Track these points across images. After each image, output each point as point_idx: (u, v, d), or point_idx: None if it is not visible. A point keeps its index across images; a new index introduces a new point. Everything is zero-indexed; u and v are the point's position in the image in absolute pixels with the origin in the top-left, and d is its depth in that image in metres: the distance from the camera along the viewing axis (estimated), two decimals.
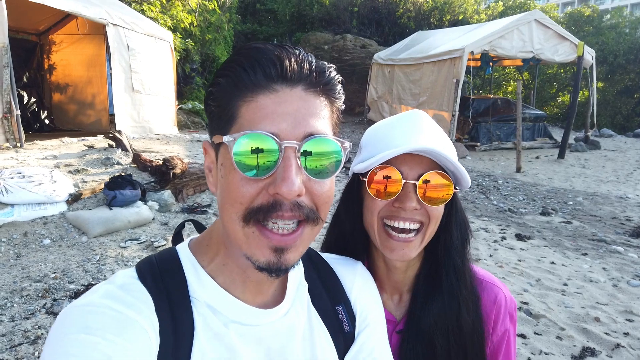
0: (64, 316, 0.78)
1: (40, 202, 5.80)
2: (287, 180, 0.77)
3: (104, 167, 7.75)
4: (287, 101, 0.80)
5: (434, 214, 1.22)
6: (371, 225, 1.25)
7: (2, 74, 7.78)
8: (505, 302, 1.34)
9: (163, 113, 12.47)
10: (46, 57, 12.93)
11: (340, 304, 1.07)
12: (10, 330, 3.52)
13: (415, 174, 1.18)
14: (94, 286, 0.86)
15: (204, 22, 18.00)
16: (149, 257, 0.95)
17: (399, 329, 1.32)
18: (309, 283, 1.05)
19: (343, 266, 1.15)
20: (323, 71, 0.85)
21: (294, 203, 0.80)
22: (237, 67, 0.82)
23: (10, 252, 5.02)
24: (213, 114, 0.87)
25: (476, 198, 9.22)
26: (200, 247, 0.96)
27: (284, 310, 0.96)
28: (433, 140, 1.20)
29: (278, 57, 0.81)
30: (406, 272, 1.34)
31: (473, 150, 14.97)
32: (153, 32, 11.93)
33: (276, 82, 0.81)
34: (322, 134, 0.82)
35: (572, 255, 6.10)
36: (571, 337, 3.93)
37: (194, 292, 0.89)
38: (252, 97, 0.80)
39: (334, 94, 0.88)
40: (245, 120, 0.80)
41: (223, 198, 0.84)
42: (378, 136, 1.26)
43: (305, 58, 0.84)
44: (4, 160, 7.18)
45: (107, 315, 0.77)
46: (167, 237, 5.60)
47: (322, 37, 23.78)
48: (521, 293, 4.75)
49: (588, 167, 13.17)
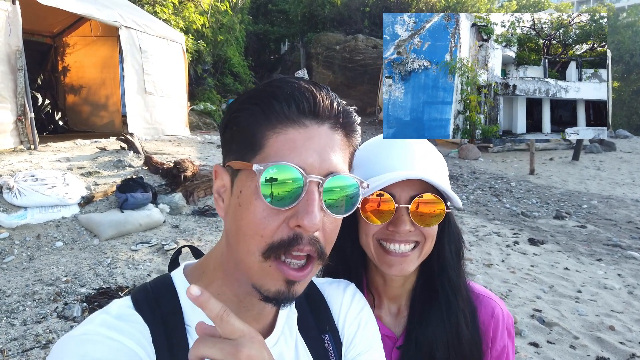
0: (61, 346, 0.77)
1: (53, 204, 5.86)
2: (311, 214, 0.78)
3: (116, 169, 7.81)
4: (315, 137, 0.82)
5: (429, 234, 1.24)
6: (367, 247, 1.27)
7: (17, 77, 7.87)
8: (503, 316, 1.35)
9: (175, 114, 12.55)
10: (60, 59, 13.09)
11: (327, 332, 1.07)
12: (22, 334, 3.55)
13: (407, 196, 1.20)
14: (89, 316, 0.86)
15: (216, 23, 18.09)
16: (144, 284, 0.95)
17: (399, 344, 1.33)
18: (298, 311, 1.05)
19: (333, 290, 1.15)
20: (349, 112, 0.89)
21: (312, 237, 0.81)
22: (270, 98, 0.83)
23: (24, 254, 5.07)
24: (234, 139, 0.87)
25: (488, 201, 9.14)
26: (196, 274, 0.95)
27: (274, 339, 0.97)
28: (424, 165, 1.23)
29: (312, 93, 0.83)
30: (404, 285, 1.36)
31: (485, 152, 14.84)
32: (165, 34, 12.02)
33: (307, 117, 0.83)
34: (343, 172, 0.84)
35: (587, 260, 6.01)
36: (585, 346, 3.86)
37: (189, 320, 0.89)
38: (282, 129, 0.81)
39: (354, 134, 0.91)
40: (273, 151, 0.81)
41: (240, 228, 0.83)
42: (371, 159, 1.28)
43: (334, 97, 0.86)
44: (18, 162, 7.27)
45: (105, 344, 0.77)
46: (177, 241, 5.62)
47: (333, 37, 23.77)
48: (534, 300, 4.68)
49: (603, 169, 12.99)
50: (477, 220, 7.68)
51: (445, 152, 14.70)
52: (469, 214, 8.06)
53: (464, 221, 7.52)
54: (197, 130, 14.55)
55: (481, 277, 5.12)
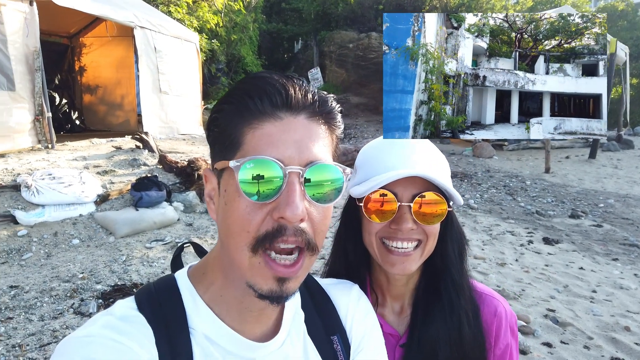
0: (64, 347, 0.78)
1: (69, 202, 5.97)
2: (292, 205, 0.79)
3: (131, 168, 7.92)
4: (291, 129, 0.82)
5: (431, 232, 1.25)
6: (370, 245, 1.28)
7: (34, 78, 8.02)
8: (506, 315, 1.36)
9: (189, 113, 12.67)
10: (77, 59, 13.30)
11: (336, 333, 1.07)
12: (39, 330, 3.63)
13: (409, 194, 1.21)
14: (92, 317, 0.87)
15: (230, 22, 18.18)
16: (148, 285, 0.95)
17: (402, 342, 1.34)
18: (305, 312, 1.05)
19: (338, 291, 1.15)
20: (325, 101, 0.88)
21: (297, 228, 0.81)
22: (243, 95, 0.83)
23: (41, 251, 5.17)
24: (216, 141, 0.89)
25: (502, 200, 9.06)
26: (198, 275, 0.96)
27: (280, 341, 0.96)
28: (426, 163, 1.23)
29: (283, 86, 0.83)
30: (407, 284, 1.37)
31: (500, 150, 14.69)
32: (179, 34, 12.12)
33: (281, 110, 0.83)
34: (323, 160, 0.84)
35: (602, 260, 5.93)
36: (599, 346, 3.82)
37: (192, 322, 0.89)
38: (258, 124, 0.82)
39: (335, 122, 0.91)
40: (251, 147, 0.82)
41: (228, 226, 0.84)
42: (373, 157, 1.29)
43: (308, 88, 0.86)
44: (36, 161, 7.40)
45: (108, 346, 0.78)
46: (191, 239, 5.68)
47: (346, 35, 23.70)
48: (548, 300, 4.64)
49: (620, 167, 12.78)
50: (490, 219, 7.62)
51: (460, 150, 14.59)
52: (482, 213, 8.00)
53: (478, 220, 7.47)
54: None
55: (494, 277, 5.09)
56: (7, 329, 3.63)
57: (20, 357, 3.28)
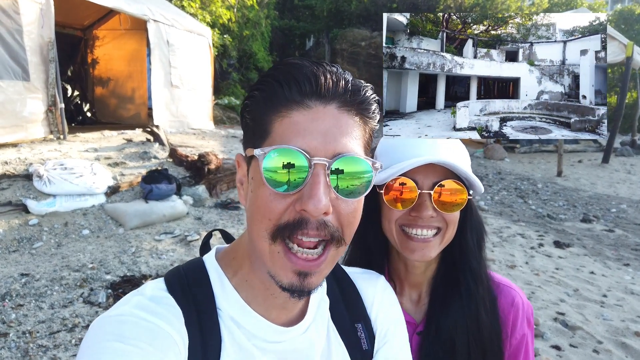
0: (98, 325, 0.79)
1: (80, 193, 6.00)
2: (315, 198, 0.76)
3: (142, 160, 7.95)
4: (319, 118, 0.80)
5: (451, 220, 1.24)
6: (390, 232, 1.28)
7: (49, 69, 8.07)
8: (523, 305, 1.36)
9: (200, 108, 12.70)
10: (90, 52, 13.37)
11: (360, 321, 1.06)
12: (49, 318, 3.65)
13: (429, 182, 1.21)
14: (124, 297, 0.87)
15: (242, 18, 18.18)
16: (177, 267, 0.96)
17: (419, 330, 1.34)
18: (330, 299, 1.05)
19: (365, 281, 1.14)
20: (359, 90, 0.84)
21: (320, 221, 0.79)
22: (273, 82, 0.82)
23: (52, 241, 5.21)
24: (247, 127, 0.88)
25: (514, 202, 8.99)
26: (227, 259, 0.96)
27: (305, 326, 0.96)
28: (447, 150, 1.23)
29: (313, 74, 0.80)
30: (425, 272, 1.37)
31: (512, 152, 14.59)
32: (192, 28, 12.15)
33: (310, 98, 0.80)
34: (352, 153, 0.81)
35: (613, 265, 5.86)
36: (609, 351, 3.78)
37: (220, 304, 0.90)
38: (286, 112, 0.80)
39: (369, 113, 0.87)
40: (278, 135, 0.80)
41: (252, 212, 0.84)
42: (394, 146, 1.28)
43: (342, 76, 0.83)
44: (48, 151, 7.46)
45: (140, 325, 0.79)
46: (200, 232, 5.70)
47: (359, 33, 23.63)
48: (557, 303, 4.59)
49: (634, 172, 12.64)
50: (501, 221, 7.57)
51: (471, 151, 14.43)
52: (493, 215, 7.94)
53: (488, 222, 7.41)
54: (221, 125, 14.69)
55: None
56: (18, 315, 3.66)
57: (30, 344, 3.31)
